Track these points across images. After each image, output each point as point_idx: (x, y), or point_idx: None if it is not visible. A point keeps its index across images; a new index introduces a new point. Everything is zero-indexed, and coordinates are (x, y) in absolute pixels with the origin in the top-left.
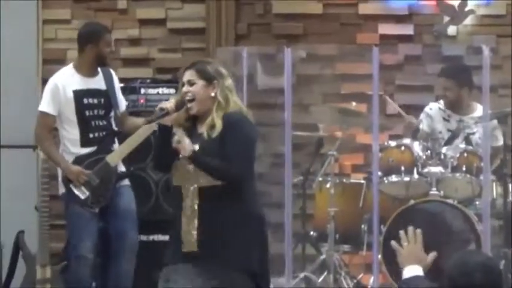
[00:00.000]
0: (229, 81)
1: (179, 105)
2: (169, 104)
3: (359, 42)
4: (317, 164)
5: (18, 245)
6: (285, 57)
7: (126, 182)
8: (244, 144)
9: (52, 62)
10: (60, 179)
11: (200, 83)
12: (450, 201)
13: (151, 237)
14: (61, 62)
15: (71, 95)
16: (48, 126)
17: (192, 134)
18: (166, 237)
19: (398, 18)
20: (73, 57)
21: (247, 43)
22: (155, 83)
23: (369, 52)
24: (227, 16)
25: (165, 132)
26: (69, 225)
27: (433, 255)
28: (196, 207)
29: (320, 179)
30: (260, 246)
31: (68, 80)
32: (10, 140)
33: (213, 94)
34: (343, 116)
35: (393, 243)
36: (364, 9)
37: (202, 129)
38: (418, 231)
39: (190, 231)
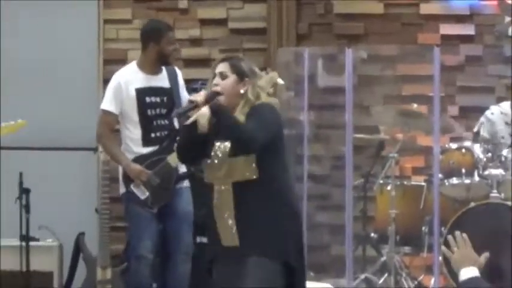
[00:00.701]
0: (262, 83)
1: (209, 99)
2: (199, 97)
3: (420, 42)
4: (378, 166)
5: (79, 247)
6: (345, 57)
7: (186, 183)
8: (262, 120)
9: (113, 62)
10: (120, 178)
11: (232, 77)
12: (510, 203)
13: None
14: (122, 62)
15: (133, 93)
16: (110, 124)
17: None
18: None
19: (459, 18)
20: (134, 58)
21: (308, 43)
22: None
23: (430, 52)
24: (288, 16)
25: (191, 125)
26: (129, 226)
27: (485, 256)
28: (232, 203)
29: (381, 181)
30: (296, 240)
31: (130, 77)
32: (71, 142)
33: (242, 91)
34: (404, 118)
35: (443, 248)
36: (425, 9)
37: None
38: (465, 235)
39: (230, 227)
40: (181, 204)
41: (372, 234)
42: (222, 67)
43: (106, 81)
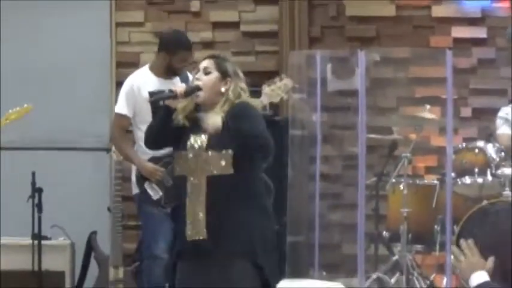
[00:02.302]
0: (243, 85)
1: (189, 92)
2: (180, 89)
3: (432, 45)
4: (390, 166)
5: (91, 246)
6: (358, 59)
7: None
8: (258, 120)
9: (125, 65)
10: (134, 179)
11: (215, 74)
12: None
13: None
14: (134, 65)
15: (146, 95)
16: (124, 127)
17: (196, 125)
18: None
19: (471, 21)
20: (146, 60)
21: (320, 46)
22: None
23: (443, 55)
24: (300, 19)
25: (167, 114)
26: (143, 226)
27: (491, 260)
28: (204, 197)
29: (393, 180)
30: (266, 240)
31: (143, 80)
32: (83, 143)
33: (223, 89)
34: (417, 121)
35: (452, 261)
36: (437, 11)
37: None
38: (470, 241)
39: (200, 221)
40: None
41: (384, 233)
42: (207, 63)
43: (118, 83)
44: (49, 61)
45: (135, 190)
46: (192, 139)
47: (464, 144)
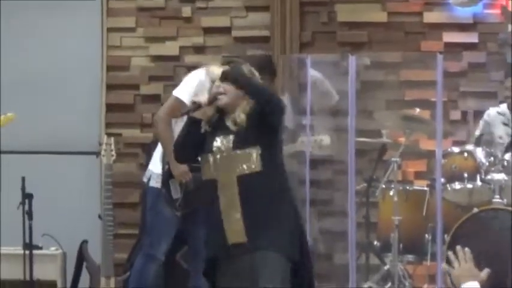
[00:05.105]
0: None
1: (212, 100)
2: (203, 98)
3: (423, 50)
4: (380, 170)
5: (82, 256)
6: (349, 64)
7: None
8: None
9: (116, 69)
10: (155, 170)
11: None
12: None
13: None
14: (125, 69)
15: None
16: (176, 113)
17: (218, 127)
18: None
19: (462, 27)
20: (137, 65)
21: (311, 51)
22: None
23: (433, 59)
24: (292, 24)
25: (193, 125)
26: (149, 222)
27: (486, 272)
28: (237, 196)
29: (383, 186)
30: (299, 235)
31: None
32: (73, 147)
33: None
34: (406, 122)
35: (444, 266)
36: (428, 17)
37: (229, 123)
38: (467, 250)
39: (236, 222)
40: None
41: (375, 242)
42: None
43: (109, 87)
44: (39, 65)
45: (155, 184)
46: (218, 140)
47: (453, 148)
